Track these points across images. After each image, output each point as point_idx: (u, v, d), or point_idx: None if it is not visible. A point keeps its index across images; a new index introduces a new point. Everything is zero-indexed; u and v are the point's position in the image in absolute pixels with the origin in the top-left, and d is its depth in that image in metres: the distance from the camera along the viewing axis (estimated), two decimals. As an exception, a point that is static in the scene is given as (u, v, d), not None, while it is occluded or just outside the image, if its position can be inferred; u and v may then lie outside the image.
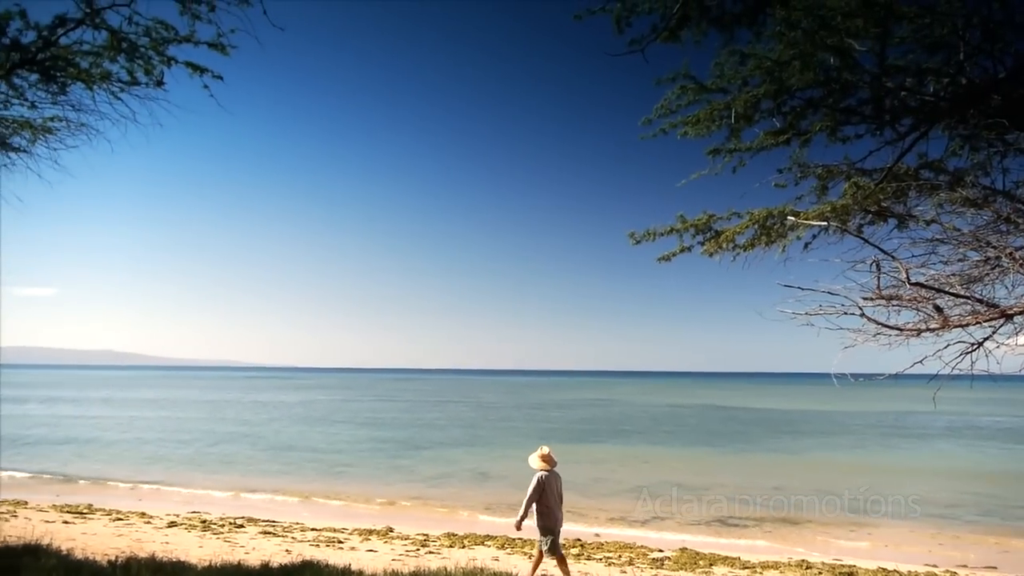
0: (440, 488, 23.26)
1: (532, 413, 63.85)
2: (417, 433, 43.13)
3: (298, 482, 24.78)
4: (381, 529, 16.22)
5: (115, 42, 8.40)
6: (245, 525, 16.25)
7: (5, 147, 9.99)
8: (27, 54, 8.53)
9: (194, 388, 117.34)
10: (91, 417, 53.11)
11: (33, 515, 16.47)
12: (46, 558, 7.88)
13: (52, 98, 9.39)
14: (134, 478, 25.05)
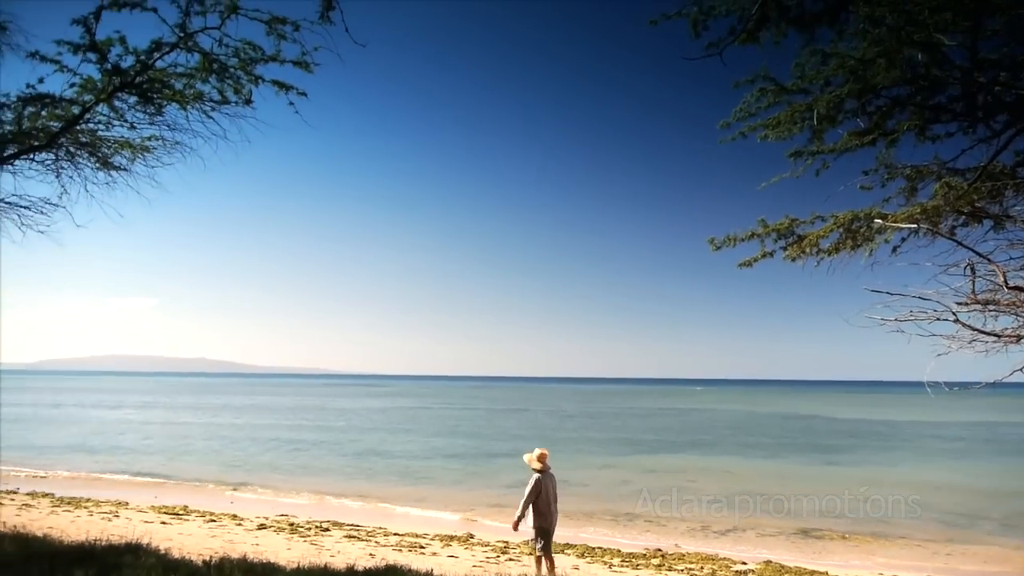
0: (519, 496, 23.25)
1: (608, 421, 63.33)
2: (494, 440, 43.35)
3: (380, 487, 25.24)
4: (462, 535, 16.37)
5: (207, 64, 8.79)
6: (330, 529, 16.64)
7: (107, 166, 10.56)
8: (127, 78, 9.02)
9: (281, 395, 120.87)
10: (185, 422, 55.32)
11: (133, 515, 17.27)
12: (146, 556, 8.26)
13: (149, 119, 9.89)
14: (225, 481, 25.98)
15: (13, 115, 9.79)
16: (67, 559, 7.76)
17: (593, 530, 18.26)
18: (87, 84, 9.22)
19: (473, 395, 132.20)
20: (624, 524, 19.27)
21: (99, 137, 10.37)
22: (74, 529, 13.26)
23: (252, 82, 8.99)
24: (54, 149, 10.21)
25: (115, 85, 9.13)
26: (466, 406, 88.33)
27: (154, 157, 10.55)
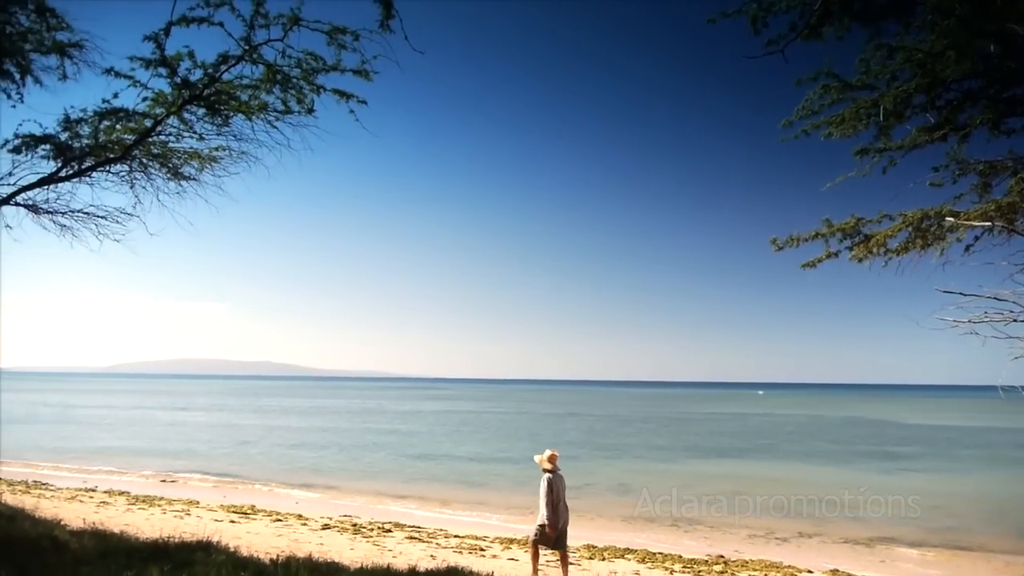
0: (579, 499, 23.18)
1: (665, 426, 62.63)
2: (554, 444, 43.26)
3: (440, 490, 25.45)
4: (522, 538, 16.37)
5: (271, 75, 9.04)
6: (392, 530, 16.86)
7: (178, 176, 10.93)
8: (195, 91, 9.33)
9: (343, 397, 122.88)
10: (251, 424, 56.71)
11: (204, 514, 17.79)
12: (216, 554, 8.50)
13: (217, 130, 10.21)
14: (290, 481, 26.54)
15: (90, 129, 10.22)
16: (143, 555, 8.04)
17: (653, 535, 18.09)
18: (158, 98, 9.58)
19: (530, 398, 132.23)
20: (684, 529, 19.03)
21: (170, 148, 10.74)
22: (148, 526, 13.72)
23: (314, 92, 9.20)
24: (128, 161, 10.60)
25: (184, 98, 9.45)
26: (524, 410, 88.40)
27: (221, 167, 10.88)
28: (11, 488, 20.44)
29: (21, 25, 9.42)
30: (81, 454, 34.12)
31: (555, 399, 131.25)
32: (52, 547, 8.18)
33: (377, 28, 6.65)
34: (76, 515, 13.92)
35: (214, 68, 9.10)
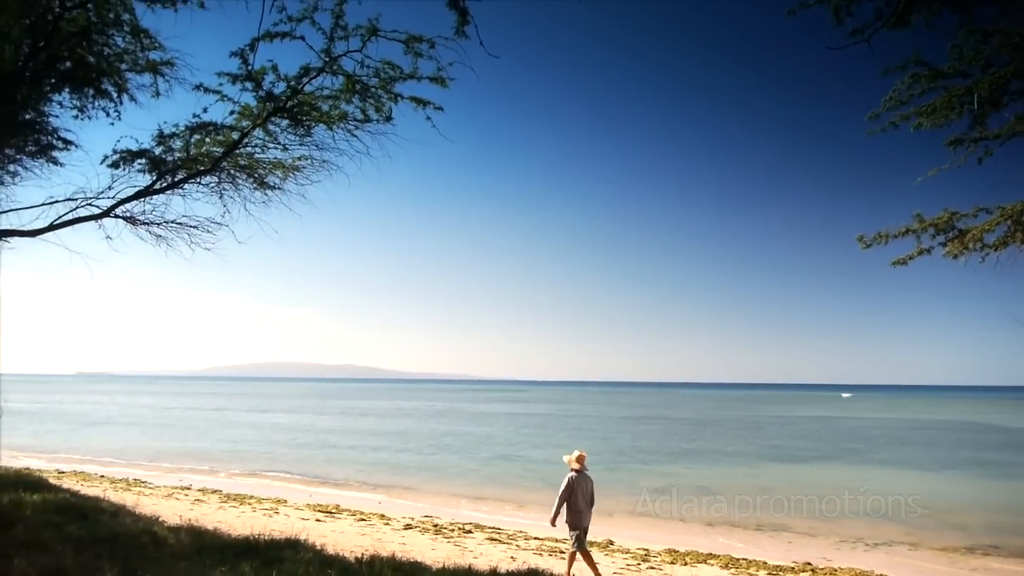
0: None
1: (748, 428, 61.24)
2: (633, 445, 42.90)
3: (520, 491, 25.52)
4: (602, 542, 16.30)
5: (350, 85, 9.28)
6: (473, 531, 17.01)
7: (263, 186, 11.34)
8: (279, 103, 9.66)
9: (424, 399, 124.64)
10: (335, 426, 58.11)
11: (291, 512, 18.34)
12: (304, 552, 8.77)
13: (300, 140, 10.55)
14: (374, 482, 27.08)
15: (182, 143, 10.71)
16: (234, 551, 8.36)
17: (736, 540, 17.72)
18: (245, 111, 9.96)
19: (604, 400, 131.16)
20: (768, 534, 18.58)
21: (256, 159, 11.15)
22: (240, 524, 14.24)
23: (392, 100, 9.41)
24: (217, 172, 11.06)
25: (269, 110, 9.80)
26: (599, 412, 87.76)
27: (304, 176, 11.24)
28: (113, 486, 21.52)
29: (118, 46, 9.95)
30: (176, 453, 35.63)
31: (628, 401, 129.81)
32: (152, 542, 8.58)
33: (452, 35, 6.73)
34: (173, 512, 14.54)
35: (296, 80, 9.41)
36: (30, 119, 11.19)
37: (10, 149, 11.89)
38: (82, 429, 50.66)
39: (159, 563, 7.31)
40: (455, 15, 6.50)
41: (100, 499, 13.20)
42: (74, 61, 9.80)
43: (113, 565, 6.64)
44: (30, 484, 12.95)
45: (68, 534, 8.23)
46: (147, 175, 11.12)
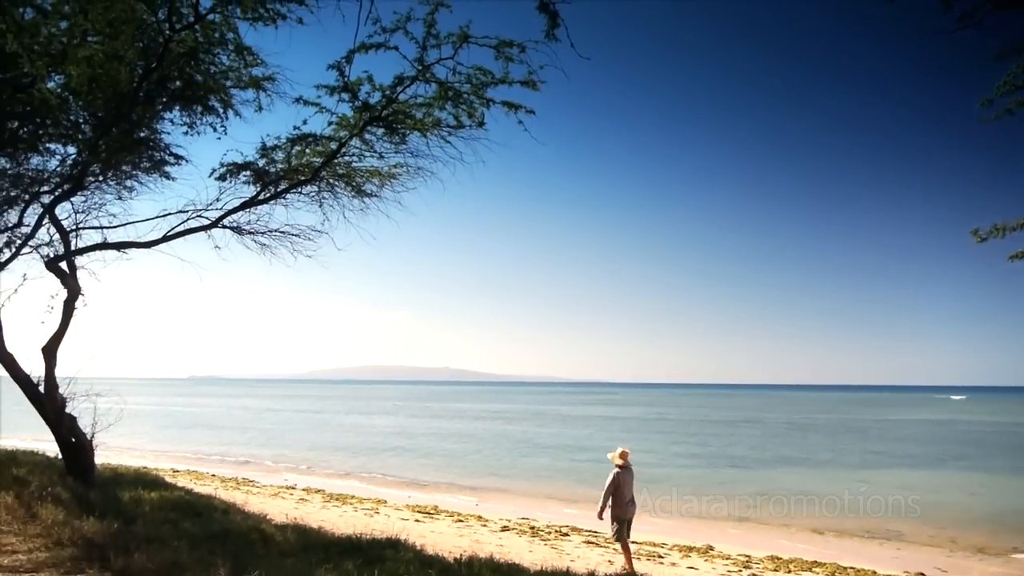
0: (761, 507, 22.32)
1: (851, 432, 58.81)
2: (732, 449, 41.91)
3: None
4: (701, 547, 15.97)
5: (443, 92, 9.42)
6: (569, 534, 16.96)
7: (361, 194, 11.65)
8: (375, 112, 9.90)
9: (517, 402, 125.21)
10: (432, 428, 59.05)
11: (391, 513, 18.74)
12: (404, 551, 8.93)
13: (395, 148, 10.79)
14: (471, 483, 27.36)
15: (283, 155, 11.13)
16: (338, 549, 8.60)
17: (843, 547, 17.03)
18: (342, 121, 10.26)
19: (696, 403, 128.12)
20: (879, 542, 17.78)
21: (353, 168, 11.47)
22: (342, 523, 14.64)
23: (484, 105, 9.50)
24: (317, 182, 11.44)
25: (365, 120, 10.06)
26: (693, 416, 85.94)
27: (400, 183, 11.50)
28: (224, 484, 22.49)
29: (223, 64, 10.42)
30: (279, 454, 36.95)
31: (720, 403, 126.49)
32: (261, 539, 8.92)
33: (543, 38, 6.72)
34: (279, 510, 15.08)
35: (391, 90, 9.62)
36: (144, 137, 11.86)
37: (127, 166, 12.62)
38: (194, 430, 53.26)
39: (267, 560, 7.58)
40: (545, 18, 6.48)
41: (212, 497, 13.79)
42: (183, 80, 10.31)
43: (225, 561, 6.92)
44: (148, 482, 13.68)
45: (183, 530, 8.64)
46: (252, 186, 11.62)
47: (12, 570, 6.52)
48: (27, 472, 11.45)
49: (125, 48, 9.12)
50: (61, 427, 11.31)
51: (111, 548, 7.08)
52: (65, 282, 11.58)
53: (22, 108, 10.69)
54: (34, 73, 9.31)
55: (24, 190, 13.47)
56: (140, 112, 10.57)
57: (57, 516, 8.51)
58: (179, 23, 8.87)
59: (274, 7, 8.30)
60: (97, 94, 9.90)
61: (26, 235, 12.95)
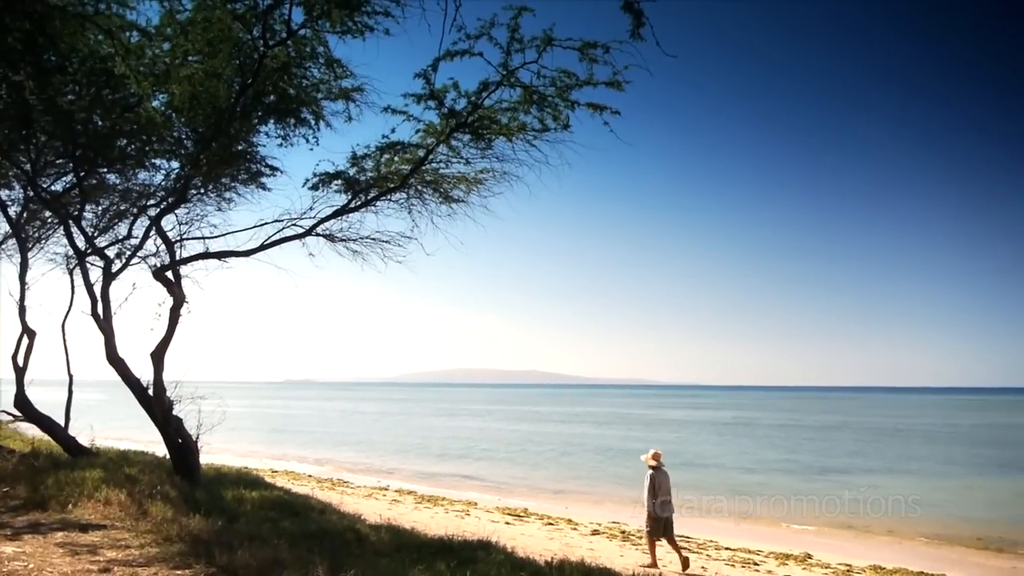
0: (863, 515, 21.44)
1: (959, 435, 55.87)
2: (829, 454, 40.51)
3: (708, 500, 24.70)
4: (799, 554, 15.48)
5: (528, 96, 9.44)
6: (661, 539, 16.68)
7: (448, 200, 11.81)
8: (460, 119, 10.01)
9: (605, 405, 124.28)
10: (521, 431, 59.24)
11: (482, 515, 18.88)
12: (495, 553, 8.98)
13: (481, 153, 10.90)
14: (558, 487, 27.32)
15: (373, 163, 11.39)
16: (431, 550, 8.71)
17: (957, 557, 16.22)
18: (429, 129, 10.42)
19: (791, 407, 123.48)
20: (1008, 552, 16.86)
21: (441, 175, 11.65)
22: (434, 524, 14.84)
23: (569, 108, 9.47)
24: (405, 189, 11.66)
25: (451, 127, 10.18)
26: (788, 420, 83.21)
27: (486, 188, 11.61)
28: (320, 485, 23.15)
29: (314, 77, 10.76)
30: (372, 455, 37.78)
31: (817, 407, 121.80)
32: (356, 539, 9.13)
33: (628, 38, 6.65)
34: (372, 511, 15.41)
35: (476, 96, 9.71)
36: (242, 150, 12.36)
37: (226, 178, 13.19)
38: (289, 431, 55.08)
39: (363, 559, 7.74)
40: (630, 18, 6.41)
41: (309, 497, 14.20)
42: (277, 94, 10.69)
43: (323, 559, 7.10)
44: (249, 482, 14.20)
45: (282, 529, 8.92)
46: (343, 195, 11.95)
47: (126, 564, 6.86)
48: (138, 471, 12.03)
49: (223, 66, 9.52)
50: (169, 428, 11.87)
51: (216, 545, 7.36)
52: (171, 290, 12.16)
53: (130, 127, 11.32)
54: (140, 93, 9.85)
55: (132, 204, 14.27)
56: (237, 126, 11.01)
57: (166, 513, 8.92)
58: (272, 39, 9.19)
59: (362, 20, 8.50)
60: (198, 111, 10.37)
61: (135, 247, 13.71)
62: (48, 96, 9.80)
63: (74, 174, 12.81)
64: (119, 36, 8.43)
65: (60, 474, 11.21)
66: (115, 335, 12.23)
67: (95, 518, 8.94)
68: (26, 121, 10.90)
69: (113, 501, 9.51)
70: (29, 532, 8.03)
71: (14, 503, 9.97)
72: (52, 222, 15.30)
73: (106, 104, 10.83)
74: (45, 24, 7.35)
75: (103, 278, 12.69)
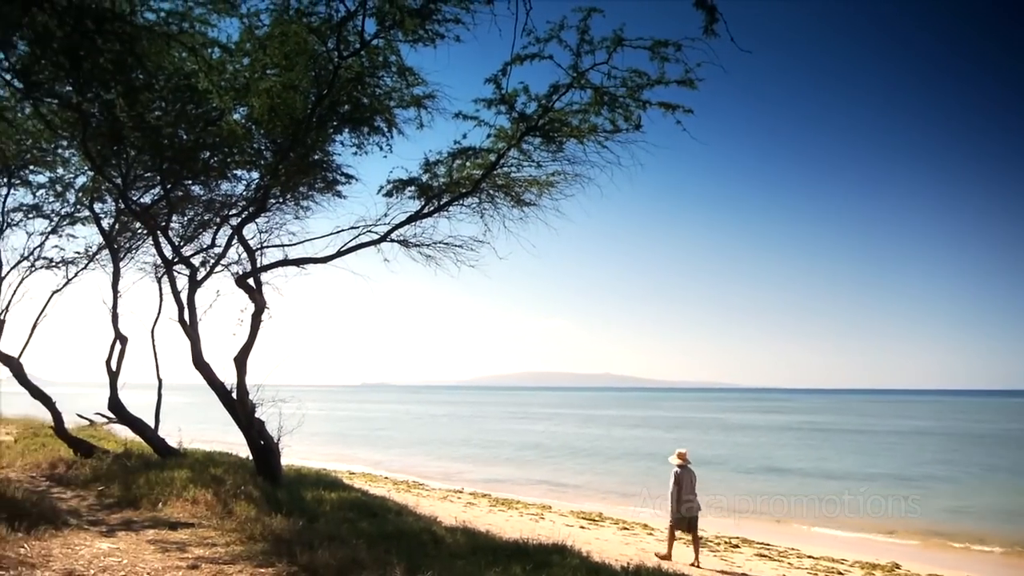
0: (955, 524, 20.55)
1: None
2: (917, 460, 38.98)
3: (789, 507, 24.05)
4: (885, 564, 14.91)
5: (598, 97, 9.42)
6: (740, 545, 16.36)
7: (520, 203, 11.86)
8: (531, 123, 10.05)
9: (680, 409, 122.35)
10: (595, 434, 58.93)
11: (556, 519, 18.83)
12: (570, 557, 8.96)
13: (552, 156, 10.92)
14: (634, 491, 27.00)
15: (445, 169, 11.54)
16: (506, 553, 8.74)
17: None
18: (500, 133, 10.49)
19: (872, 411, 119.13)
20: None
21: (512, 178, 11.71)
22: (509, 527, 14.86)
23: (640, 107, 9.41)
24: (477, 193, 11.77)
25: (522, 130, 10.23)
26: (868, 426, 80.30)
27: (558, 190, 11.62)
28: (396, 487, 23.49)
29: (387, 86, 10.97)
30: (447, 458, 38.13)
31: (898, 412, 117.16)
32: (432, 540, 9.23)
33: (701, 35, 6.54)
34: (448, 513, 15.53)
35: (546, 99, 9.74)
36: (318, 159, 12.69)
37: (303, 187, 13.56)
38: (365, 433, 56.07)
39: (439, 561, 7.83)
40: (703, 14, 6.31)
41: (386, 499, 14.43)
42: (351, 104, 10.95)
43: (400, 560, 7.22)
44: (328, 483, 14.51)
45: (361, 530, 9.09)
46: (416, 201, 12.14)
47: (212, 561, 7.11)
48: (223, 472, 12.43)
49: (299, 78, 9.80)
50: (252, 431, 12.24)
51: (297, 544, 7.56)
52: (252, 297, 12.55)
53: (212, 140, 11.76)
54: (222, 107, 10.23)
55: (215, 214, 14.80)
56: (314, 136, 11.31)
57: (249, 513, 9.21)
58: (346, 51, 9.41)
59: (433, 28, 8.63)
60: (276, 122, 10.70)
61: (218, 255, 14.22)
62: (137, 113, 10.26)
63: (161, 186, 13.36)
64: (202, 53, 8.76)
65: (151, 474, 11.70)
66: (200, 340, 12.71)
67: (183, 516, 9.30)
68: (117, 137, 11.44)
69: (200, 500, 9.87)
70: (123, 529, 8.40)
71: (108, 501, 10.46)
72: (141, 233, 15.98)
73: (190, 118, 11.28)
74: (134, 45, 7.69)
75: (189, 286, 13.21)
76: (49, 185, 15.48)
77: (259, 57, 9.63)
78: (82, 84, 9.29)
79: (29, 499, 8.99)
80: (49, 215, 16.20)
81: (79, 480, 12.26)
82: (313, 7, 8.83)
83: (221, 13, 8.51)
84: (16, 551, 6.51)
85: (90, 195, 14.82)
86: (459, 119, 10.38)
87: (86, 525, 8.48)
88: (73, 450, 15.22)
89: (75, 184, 15.42)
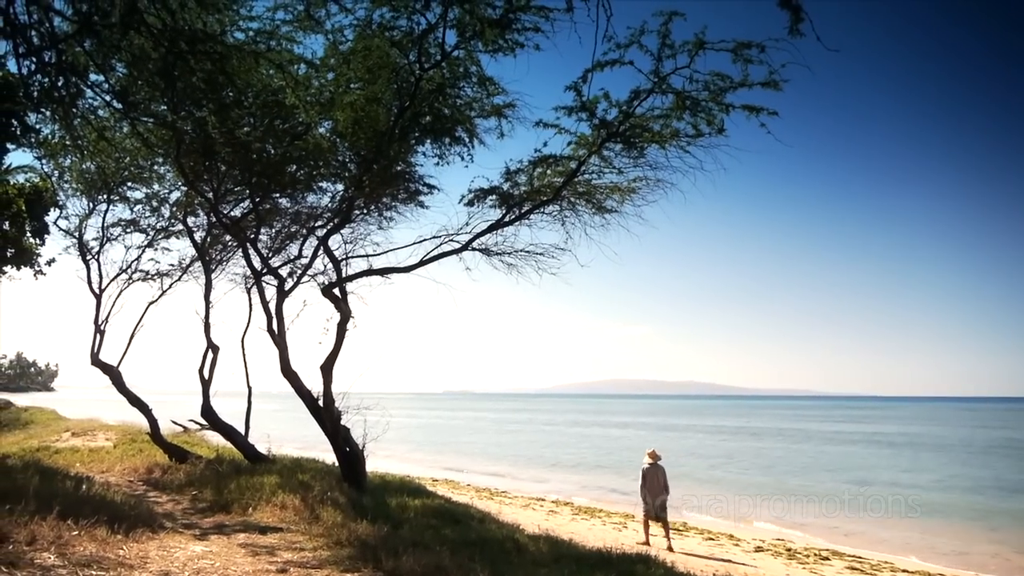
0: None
1: None
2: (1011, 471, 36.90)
3: (881, 518, 23.11)
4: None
5: (680, 102, 9.27)
6: (831, 558, 15.79)
7: (601, 210, 11.79)
8: (612, 129, 9.97)
9: (766, 418, 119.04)
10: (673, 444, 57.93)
11: (638, 527, 18.55)
12: (655, 567, 8.81)
13: (633, 162, 10.81)
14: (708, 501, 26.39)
15: (526, 177, 11.57)
16: (589, 562, 8.66)
17: None
18: (581, 140, 10.45)
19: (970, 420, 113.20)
20: None
21: (593, 185, 11.65)
22: (591, 536, 14.75)
23: (723, 111, 9.22)
24: (558, 201, 11.76)
25: (603, 137, 10.16)
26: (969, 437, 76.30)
27: (639, 197, 11.50)
28: (478, 494, 23.62)
29: (467, 96, 11.07)
30: (528, 465, 38.13)
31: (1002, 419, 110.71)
32: (515, 548, 9.22)
33: (786, 35, 6.35)
34: (530, 521, 15.53)
35: (627, 105, 9.65)
36: (401, 170, 12.91)
37: (387, 198, 13.82)
38: (449, 441, 56.57)
39: (522, 568, 7.81)
40: (787, 14, 6.13)
41: (469, 506, 14.51)
42: (433, 115, 11.09)
43: (483, 567, 7.23)
44: (412, 490, 14.70)
45: (444, 536, 9.16)
46: (498, 209, 12.21)
47: (300, 565, 7.27)
48: (310, 478, 12.74)
49: (382, 91, 10.00)
50: (338, 438, 12.51)
51: (382, 550, 7.67)
52: (338, 306, 12.84)
53: (299, 153, 12.11)
54: (308, 121, 10.53)
55: (302, 225, 15.23)
56: (396, 148, 11.51)
57: (336, 518, 9.40)
58: (428, 63, 9.54)
59: (513, 37, 8.65)
60: (360, 135, 10.95)
61: (305, 266, 14.62)
62: (228, 129, 10.66)
63: (250, 200, 13.84)
64: (288, 69, 9.04)
65: (241, 479, 12.08)
66: (288, 349, 13.07)
67: (272, 521, 9.57)
68: (209, 153, 11.91)
69: (288, 506, 10.13)
70: (215, 533, 8.69)
71: (201, 505, 10.86)
72: (232, 245, 16.56)
73: (278, 133, 11.65)
74: (225, 63, 7.98)
75: (277, 296, 13.62)
76: (145, 200, 16.25)
77: (343, 72, 9.87)
78: (176, 103, 9.70)
79: (127, 503, 9.38)
80: (145, 229, 17.00)
81: (174, 485, 12.78)
82: (395, 21, 8.98)
83: (307, 30, 8.76)
84: (116, 553, 6.80)
85: (183, 209, 15.47)
86: (539, 127, 10.38)
87: (180, 528, 8.81)
88: (168, 455, 15.88)
89: (169, 199, 16.16)
